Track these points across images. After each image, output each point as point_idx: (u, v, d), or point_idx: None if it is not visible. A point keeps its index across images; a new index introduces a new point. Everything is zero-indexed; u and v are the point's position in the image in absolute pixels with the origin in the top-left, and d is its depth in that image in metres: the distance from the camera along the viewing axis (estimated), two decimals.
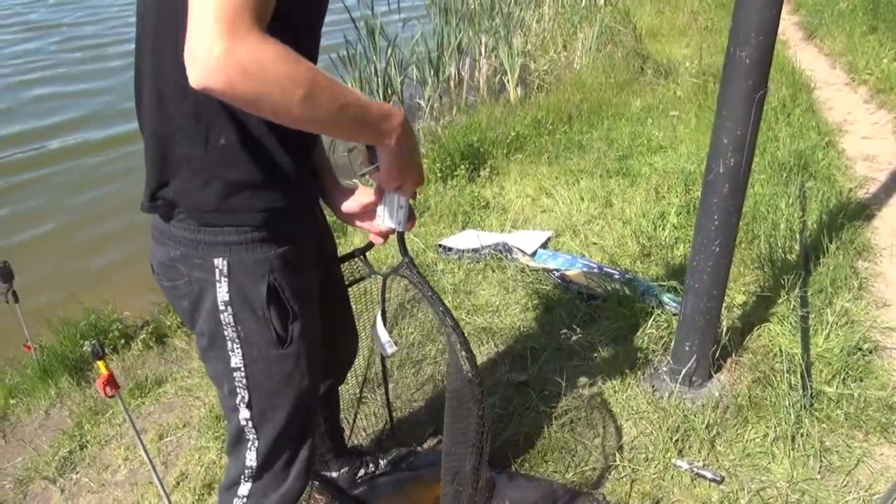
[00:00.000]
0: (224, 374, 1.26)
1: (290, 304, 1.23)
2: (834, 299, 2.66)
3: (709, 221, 1.94)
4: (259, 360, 1.25)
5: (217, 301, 1.18)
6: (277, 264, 1.20)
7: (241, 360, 1.24)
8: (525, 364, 2.54)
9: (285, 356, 1.26)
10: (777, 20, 1.66)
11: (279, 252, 1.21)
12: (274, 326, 1.22)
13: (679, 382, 2.21)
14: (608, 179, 4.15)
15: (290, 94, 0.90)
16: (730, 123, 1.78)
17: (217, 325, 1.21)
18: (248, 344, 1.23)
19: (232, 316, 1.19)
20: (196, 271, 1.17)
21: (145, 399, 2.84)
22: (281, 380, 1.28)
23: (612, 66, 6.30)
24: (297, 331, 1.26)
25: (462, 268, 3.26)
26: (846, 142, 4.34)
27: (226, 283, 1.17)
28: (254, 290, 1.19)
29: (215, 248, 1.16)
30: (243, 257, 1.17)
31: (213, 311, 1.19)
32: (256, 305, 1.19)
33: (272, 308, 1.21)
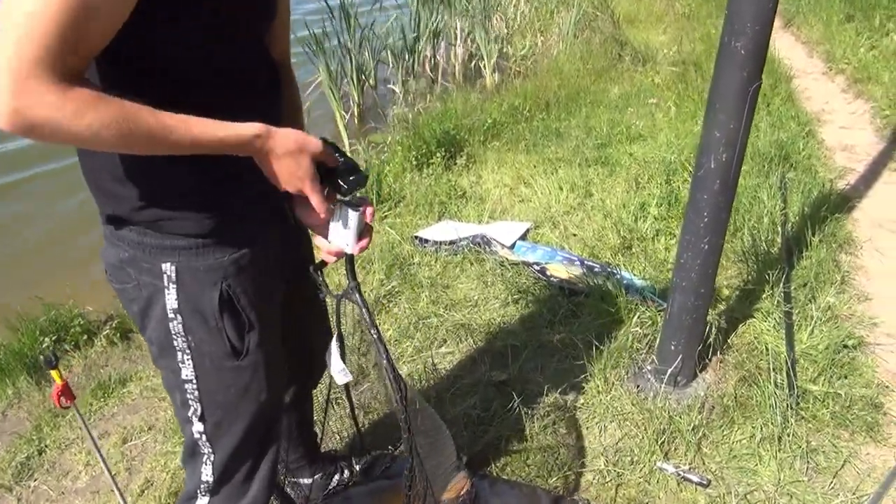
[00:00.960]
0: (175, 384, 1.19)
1: (245, 312, 1.16)
2: (818, 294, 2.62)
3: (698, 218, 1.86)
4: (212, 372, 1.17)
5: (166, 308, 1.11)
6: (231, 270, 1.13)
7: (192, 372, 1.17)
8: (505, 362, 2.46)
9: (241, 368, 1.19)
10: (774, 10, 1.58)
11: (233, 257, 1.13)
12: (228, 337, 1.15)
13: (664, 382, 2.15)
14: (587, 168, 4.08)
15: (101, 139, 0.85)
16: (722, 116, 1.71)
17: (166, 334, 1.13)
18: (200, 355, 1.15)
19: (181, 325, 1.12)
20: (144, 275, 1.10)
21: (108, 400, 2.71)
22: (237, 392, 1.21)
23: (590, 52, 6.22)
24: (254, 341, 1.19)
25: (439, 260, 3.17)
26: (825, 132, 4.31)
27: (174, 290, 1.09)
28: (205, 298, 1.11)
29: (163, 252, 1.08)
30: (192, 263, 1.09)
31: (162, 318, 1.12)
32: (208, 314, 1.12)
33: (225, 317, 1.13)
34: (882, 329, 2.54)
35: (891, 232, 3.19)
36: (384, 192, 3.92)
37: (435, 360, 2.51)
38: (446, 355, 2.56)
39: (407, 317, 2.76)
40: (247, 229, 1.15)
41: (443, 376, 2.44)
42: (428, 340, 2.63)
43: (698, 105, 4.58)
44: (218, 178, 1.07)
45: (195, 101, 0.94)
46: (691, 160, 3.74)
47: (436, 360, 2.52)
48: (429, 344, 2.61)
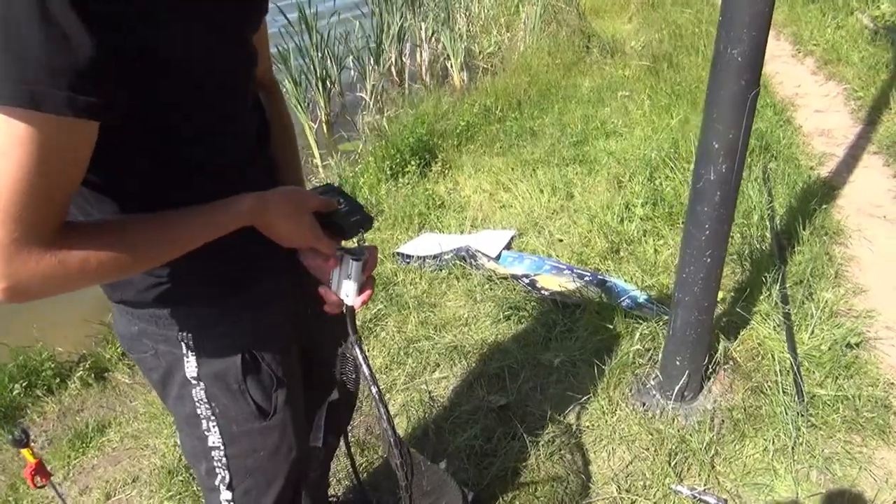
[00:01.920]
0: (201, 452, 1.12)
1: (271, 370, 1.10)
2: (814, 290, 2.57)
3: (699, 231, 1.79)
4: (240, 437, 1.11)
5: (186, 376, 1.05)
6: (251, 331, 1.07)
7: (219, 439, 1.10)
8: (503, 385, 2.37)
9: (269, 428, 1.12)
10: (770, 14, 1.50)
11: (252, 318, 1.06)
12: (253, 398, 1.09)
13: (671, 399, 2.07)
14: (565, 168, 4.01)
15: (111, 272, 0.80)
16: (720, 126, 1.63)
17: (189, 402, 1.07)
18: (226, 420, 1.09)
19: (204, 392, 1.06)
20: (161, 345, 1.04)
21: (87, 450, 2.57)
22: (267, 455, 1.14)
23: (557, 46, 6.14)
24: (282, 398, 1.12)
25: (424, 277, 3.07)
26: (800, 117, 4.29)
27: (193, 358, 1.04)
28: (227, 363, 1.05)
29: (178, 321, 1.01)
30: (210, 330, 1.03)
31: (183, 386, 1.06)
32: (231, 379, 1.06)
33: (249, 379, 1.07)
34: (881, 321, 2.50)
35: (876, 217, 3.16)
36: None
37: (429, 387, 2.42)
38: (441, 381, 2.46)
39: (396, 342, 2.66)
40: (263, 286, 1.08)
41: (439, 404, 2.35)
42: (420, 366, 2.53)
43: (671, 98, 4.53)
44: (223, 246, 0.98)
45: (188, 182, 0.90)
46: (672, 155, 3.69)
47: (430, 386, 2.43)
48: (421, 369, 2.52)
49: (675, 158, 3.65)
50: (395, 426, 1.10)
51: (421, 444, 2.18)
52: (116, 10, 0.70)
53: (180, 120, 0.86)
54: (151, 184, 0.89)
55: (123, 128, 0.78)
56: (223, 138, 0.96)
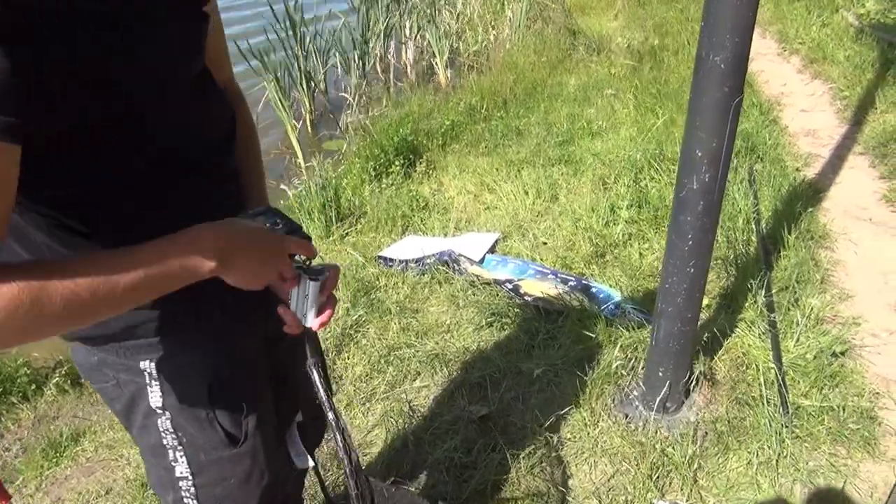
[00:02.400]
0: (168, 483, 1.06)
1: (241, 396, 1.04)
2: (800, 296, 2.54)
3: (682, 241, 1.75)
4: (208, 466, 1.05)
5: (151, 406, 0.99)
6: (218, 358, 1.02)
7: (187, 469, 1.05)
8: (484, 394, 2.32)
9: (240, 455, 1.07)
10: (753, 19, 1.46)
11: (218, 343, 1.01)
12: (222, 426, 1.03)
13: (653, 410, 2.04)
14: (550, 168, 3.96)
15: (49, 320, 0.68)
16: (703, 134, 1.59)
17: (155, 432, 1.01)
18: (194, 449, 1.03)
19: (170, 421, 1.01)
20: (122, 374, 0.98)
21: (61, 460, 2.51)
22: (237, 482, 1.08)
23: (543, 43, 6.09)
24: (252, 424, 1.06)
25: (406, 282, 3.01)
26: (786, 116, 4.26)
27: (158, 387, 0.98)
28: (193, 392, 1.00)
29: (139, 350, 0.96)
30: (174, 358, 0.97)
31: (148, 416, 1.00)
32: (198, 408, 1.00)
33: (218, 407, 1.02)
34: (866, 328, 2.47)
35: (862, 220, 3.14)
36: (343, 208, 3.75)
37: (410, 397, 2.37)
38: (421, 390, 2.41)
39: (376, 349, 2.60)
40: (227, 312, 1.02)
41: (419, 414, 2.30)
42: (401, 374, 2.48)
43: (657, 98, 4.50)
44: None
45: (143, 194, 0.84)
46: (656, 157, 3.65)
47: (411, 395, 2.38)
48: (402, 378, 2.47)
49: (661, 160, 3.61)
50: (355, 453, 1.05)
51: (400, 456, 2.13)
52: (36, 23, 0.65)
53: (134, 128, 0.81)
54: (110, 195, 0.83)
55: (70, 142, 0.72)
56: (184, 138, 0.90)
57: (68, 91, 0.70)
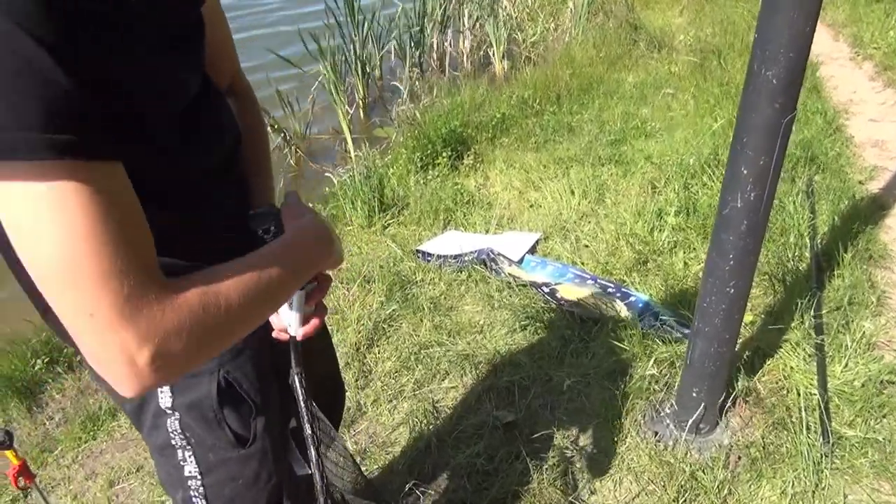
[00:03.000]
0: (177, 481, 1.07)
1: (249, 397, 1.04)
2: (852, 319, 2.42)
3: (723, 261, 1.67)
4: (217, 466, 1.06)
5: (160, 407, 1.00)
6: (227, 356, 1.01)
7: (195, 469, 1.05)
8: (512, 400, 2.29)
9: (248, 456, 1.07)
10: (812, 34, 1.37)
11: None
12: (230, 427, 1.03)
13: (685, 431, 1.97)
14: (600, 168, 3.87)
15: (237, 316, 0.71)
16: (751, 152, 1.51)
17: (164, 432, 1.02)
18: (203, 449, 1.04)
19: (178, 422, 1.01)
20: None
21: (98, 433, 2.58)
22: (245, 483, 1.09)
23: (604, 37, 5.95)
24: (261, 425, 1.07)
25: (442, 278, 2.99)
26: (853, 126, 4.06)
27: (167, 388, 0.99)
28: (201, 392, 1.00)
29: None
30: None
31: (157, 416, 1.01)
32: (206, 408, 1.00)
33: (226, 408, 1.02)
34: None
35: None
36: (387, 198, 3.74)
37: (436, 397, 2.35)
38: (449, 390, 2.39)
39: (407, 346, 2.59)
40: None
41: (445, 416, 2.28)
42: (430, 373, 2.46)
43: (718, 98, 4.34)
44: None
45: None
46: (710, 163, 3.53)
47: (437, 396, 2.36)
48: (430, 377, 2.45)
49: (715, 165, 3.49)
50: (325, 474, 1.02)
51: (421, 458, 2.12)
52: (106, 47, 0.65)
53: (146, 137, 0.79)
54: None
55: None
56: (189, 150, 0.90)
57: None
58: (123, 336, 0.60)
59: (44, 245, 0.58)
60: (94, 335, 0.60)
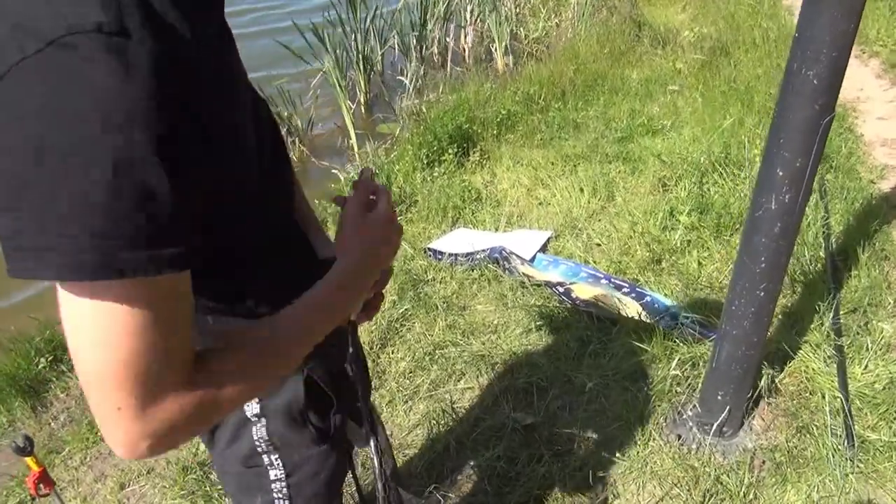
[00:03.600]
0: (256, 488, 1.06)
1: (328, 390, 1.03)
2: (870, 320, 2.41)
3: (754, 263, 1.64)
4: (302, 464, 1.06)
5: (246, 415, 0.98)
6: (309, 355, 0.98)
7: (281, 472, 1.05)
8: (530, 401, 2.26)
9: (329, 451, 1.07)
10: (854, 33, 1.34)
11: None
12: (313, 424, 1.03)
13: (709, 434, 1.95)
14: (608, 165, 3.84)
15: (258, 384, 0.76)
16: (787, 154, 1.48)
17: (247, 441, 1.01)
18: (289, 451, 1.03)
19: (265, 428, 1.00)
20: None
21: None
22: (326, 478, 1.09)
23: (607, 33, 5.91)
24: (339, 419, 1.07)
25: (454, 277, 2.96)
26: (862, 124, 4.04)
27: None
28: (289, 394, 0.99)
29: None
30: None
31: (240, 426, 1.00)
32: (294, 409, 1.00)
33: (310, 406, 1.01)
34: None
35: None
36: (395, 195, 3.70)
37: (453, 398, 2.32)
38: (465, 391, 2.36)
39: (422, 345, 2.56)
40: None
41: (462, 417, 2.25)
42: (445, 374, 2.43)
43: (727, 96, 4.31)
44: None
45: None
46: (721, 160, 3.50)
47: (454, 397, 2.33)
48: (446, 378, 2.42)
49: (726, 163, 3.46)
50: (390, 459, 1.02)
51: (440, 460, 2.09)
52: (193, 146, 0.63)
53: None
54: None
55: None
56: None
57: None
58: (135, 430, 0.62)
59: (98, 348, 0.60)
60: (110, 421, 0.62)
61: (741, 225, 2.99)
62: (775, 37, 5.17)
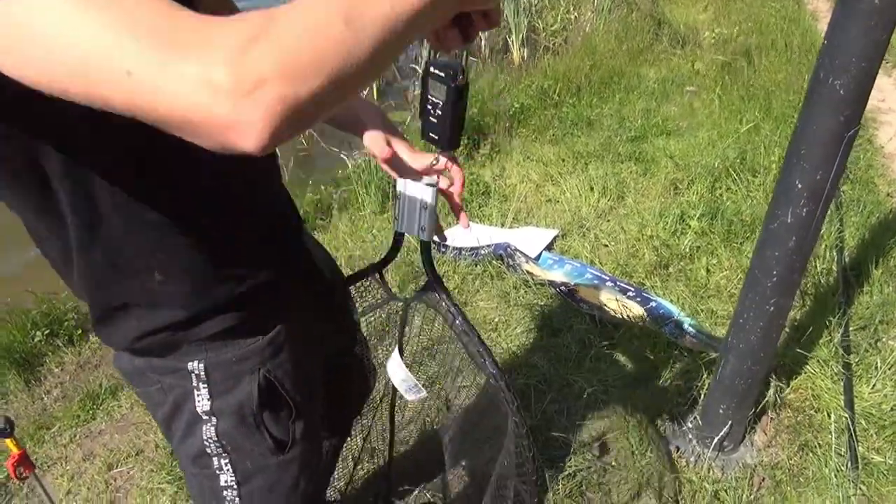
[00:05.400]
0: (211, 492, 1.01)
1: (289, 397, 0.98)
2: (881, 338, 2.35)
3: (766, 276, 1.59)
4: (255, 474, 1.00)
5: (196, 411, 0.94)
6: (268, 352, 0.95)
7: (232, 478, 0.99)
8: (527, 404, 2.22)
9: (287, 462, 1.02)
10: (887, 43, 1.28)
11: (268, 337, 0.95)
12: (269, 431, 0.98)
13: (709, 448, 1.90)
14: (619, 165, 3.78)
15: (339, 41, 0.53)
16: (807, 165, 1.42)
17: (198, 439, 0.96)
18: (241, 456, 0.98)
19: (214, 428, 0.95)
20: (168, 377, 0.93)
21: (97, 413, 2.52)
22: (283, 492, 1.04)
23: (626, 30, 5.82)
24: (300, 429, 1.01)
25: (458, 271, 2.91)
26: (882, 136, 3.96)
27: (205, 390, 0.93)
28: (241, 393, 0.94)
29: (187, 350, 0.91)
30: (223, 355, 0.91)
31: (192, 422, 0.96)
32: (246, 411, 0.95)
33: (266, 410, 0.96)
34: None
35: None
36: None
37: (449, 396, 2.28)
38: (461, 389, 2.31)
39: (420, 340, 2.51)
40: (279, 298, 0.96)
41: (457, 415, 2.21)
42: (442, 370, 2.38)
43: (745, 101, 4.23)
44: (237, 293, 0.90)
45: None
46: (736, 165, 3.44)
47: (451, 395, 2.29)
48: (442, 374, 2.37)
49: (741, 170, 3.40)
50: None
51: (433, 459, 2.05)
52: None
53: None
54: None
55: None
56: None
57: None
58: (188, 58, 0.49)
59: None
60: (155, 76, 0.49)
61: (752, 233, 2.93)
62: (798, 42, 5.07)
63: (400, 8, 0.56)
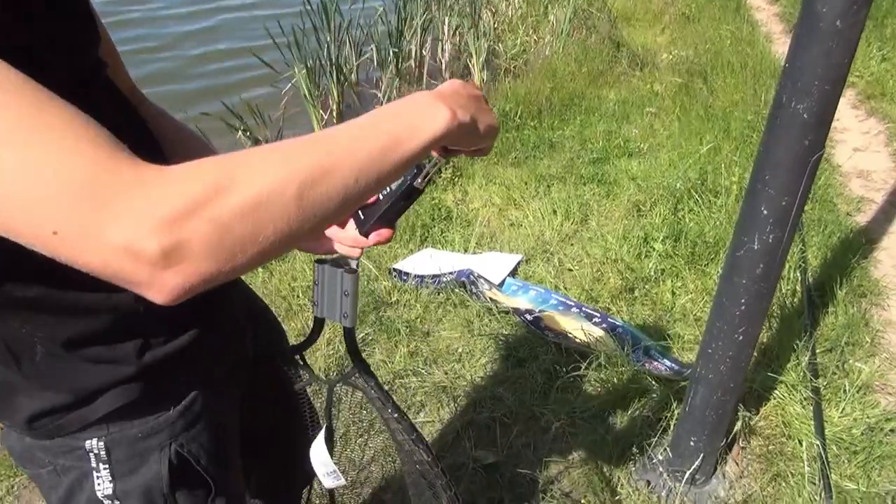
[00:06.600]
0: None
1: (207, 474, 0.87)
2: (848, 360, 2.32)
3: (733, 305, 1.54)
4: None
5: (97, 496, 0.81)
6: (180, 426, 0.83)
7: None
8: (492, 438, 2.13)
9: None
10: (848, 67, 1.25)
11: (181, 407, 0.84)
12: None
13: (680, 482, 1.83)
14: (582, 187, 3.75)
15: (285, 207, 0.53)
16: (772, 191, 1.38)
17: None
18: None
19: None
20: (62, 458, 0.80)
21: None
22: None
23: (585, 53, 5.85)
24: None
25: (420, 300, 2.83)
26: (838, 154, 4.01)
27: (106, 472, 0.81)
28: (149, 473, 0.82)
29: (84, 426, 0.79)
30: (127, 430, 0.80)
31: None
32: (155, 493, 0.83)
33: (179, 491, 0.84)
34: None
35: None
36: None
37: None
38: (425, 425, 2.22)
39: (381, 374, 2.42)
40: (193, 363, 0.85)
41: None
42: (404, 405, 2.29)
43: (704, 122, 4.25)
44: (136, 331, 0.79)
45: None
46: (697, 187, 3.43)
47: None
48: (405, 409, 2.27)
49: (703, 191, 3.39)
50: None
51: (395, 501, 1.95)
52: None
53: None
54: None
55: None
56: None
57: None
58: (132, 219, 0.48)
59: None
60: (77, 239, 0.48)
61: (716, 255, 2.91)
62: (753, 63, 5.14)
63: (365, 180, 0.57)
